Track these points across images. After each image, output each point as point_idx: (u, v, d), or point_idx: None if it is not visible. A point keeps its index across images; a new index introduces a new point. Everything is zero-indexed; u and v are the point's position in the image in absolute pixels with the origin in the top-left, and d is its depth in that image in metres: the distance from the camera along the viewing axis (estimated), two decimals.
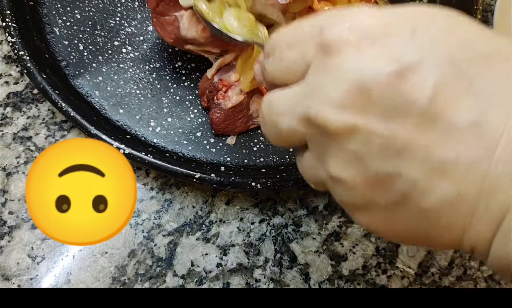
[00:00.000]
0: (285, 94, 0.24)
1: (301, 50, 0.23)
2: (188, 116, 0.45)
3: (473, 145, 0.19)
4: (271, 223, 0.43)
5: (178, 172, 0.40)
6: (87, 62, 0.46)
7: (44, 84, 0.42)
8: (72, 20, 0.47)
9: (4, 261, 0.41)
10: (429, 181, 0.20)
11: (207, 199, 0.44)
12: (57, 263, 0.41)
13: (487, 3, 0.54)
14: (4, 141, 0.45)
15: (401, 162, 0.20)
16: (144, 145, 0.42)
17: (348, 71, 0.21)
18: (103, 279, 0.41)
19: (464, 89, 0.19)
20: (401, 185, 0.20)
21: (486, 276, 0.43)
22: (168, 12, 0.42)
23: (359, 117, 0.20)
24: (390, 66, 0.20)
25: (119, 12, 0.48)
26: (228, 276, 0.42)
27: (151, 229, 0.42)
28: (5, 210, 0.42)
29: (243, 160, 0.43)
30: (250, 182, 0.40)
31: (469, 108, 0.19)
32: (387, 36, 0.20)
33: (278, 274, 0.42)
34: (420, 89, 0.19)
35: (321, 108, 0.21)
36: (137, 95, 0.45)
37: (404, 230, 0.22)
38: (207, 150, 0.44)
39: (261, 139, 0.45)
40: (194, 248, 0.42)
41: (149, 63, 0.47)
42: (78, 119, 0.41)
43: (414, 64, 0.19)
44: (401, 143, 0.20)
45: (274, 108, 0.24)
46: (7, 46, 0.49)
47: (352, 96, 0.20)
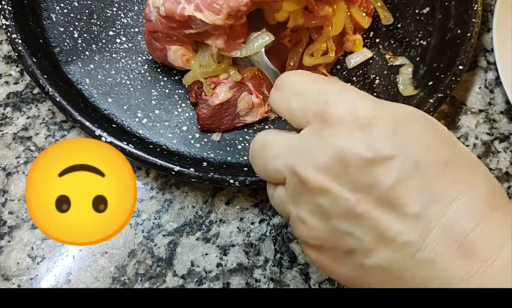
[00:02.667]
0: (279, 141, 0.29)
1: (305, 106, 0.28)
2: (175, 110, 0.45)
3: (411, 230, 0.24)
4: (271, 223, 0.43)
5: (158, 164, 0.40)
6: (80, 50, 0.46)
7: (33, 68, 0.42)
8: (69, 8, 0.48)
9: (4, 261, 0.41)
10: (373, 245, 0.25)
11: (207, 199, 0.44)
12: (57, 263, 0.41)
13: (487, 3, 0.54)
14: (4, 141, 0.45)
15: (355, 225, 0.25)
16: (129, 136, 0.42)
17: (336, 144, 0.25)
18: (103, 279, 0.41)
19: (418, 186, 0.24)
20: (351, 241, 0.26)
21: None
22: (159, 41, 0.43)
23: (334, 183, 0.25)
24: (368, 153, 0.25)
25: (117, 2, 0.49)
26: (228, 276, 0.42)
27: (151, 229, 0.42)
28: (5, 210, 0.42)
29: (227, 157, 0.43)
30: (229, 179, 0.40)
31: (416, 201, 0.24)
32: (373, 127, 0.25)
33: (278, 274, 0.42)
34: (385, 177, 0.24)
35: (307, 166, 0.26)
36: (127, 86, 0.45)
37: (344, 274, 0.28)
38: (191, 145, 0.44)
39: (246, 138, 0.45)
40: (194, 248, 0.42)
41: (142, 55, 0.47)
42: (63, 105, 0.41)
43: (386, 158, 0.25)
44: (359, 211, 0.25)
45: (267, 150, 0.29)
46: (7, 46, 0.49)
47: (333, 165, 0.25)
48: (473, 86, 0.50)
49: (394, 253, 0.25)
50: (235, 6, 0.38)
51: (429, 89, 0.45)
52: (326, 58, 0.47)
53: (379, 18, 0.49)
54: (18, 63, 0.48)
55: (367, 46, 0.49)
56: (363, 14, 0.48)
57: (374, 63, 0.48)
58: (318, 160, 0.26)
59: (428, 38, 0.48)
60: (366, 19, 0.48)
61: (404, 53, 0.48)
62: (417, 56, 0.48)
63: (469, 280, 0.23)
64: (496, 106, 0.50)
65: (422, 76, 0.47)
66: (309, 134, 0.27)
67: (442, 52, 0.47)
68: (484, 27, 0.53)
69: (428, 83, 0.45)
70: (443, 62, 0.46)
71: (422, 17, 0.49)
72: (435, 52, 0.47)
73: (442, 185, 0.24)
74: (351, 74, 0.48)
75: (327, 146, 0.26)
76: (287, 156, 0.28)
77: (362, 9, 0.48)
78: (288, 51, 0.46)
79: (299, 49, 0.46)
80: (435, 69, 0.46)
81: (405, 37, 0.49)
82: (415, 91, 0.46)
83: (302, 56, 0.46)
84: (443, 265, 0.24)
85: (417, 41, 0.48)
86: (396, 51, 0.48)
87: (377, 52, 0.48)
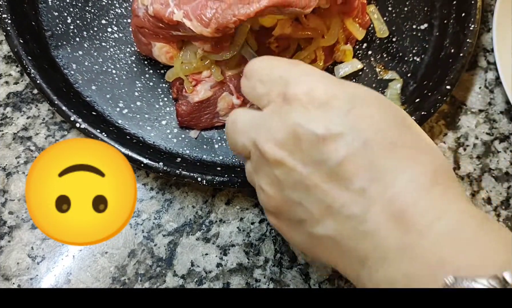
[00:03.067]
0: (246, 118, 0.31)
1: (269, 89, 0.30)
2: (157, 103, 0.45)
3: (355, 204, 0.26)
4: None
5: (129, 155, 0.40)
6: (71, 35, 0.47)
7: (19, 49, 0.42)
8: None
9: (4, 261, 0.41)
10: (320, 216, 0.27)
11: (207, 199, 0.44)
12: (57, 263, 0.41)
13: (487, 3, 0.54)
14: (4, 141, 0.45)
15: (305, 196, 0.27)
16: (107, 124, 0.43)
17: (293, 121, 0.27)
18: (103, 279, 0.41)
19: (365, 163, 0.26)
20: (302, 211, 0.28)
21: None
22: (145, 36, 0.43)
23: (288, 157, 0.28)
24: (321, 130, 0.27)
25: None
26: (228, 276, 0.42)
27: (151, 229, 0.42)
28: (5, 210, 0.42)
29: (202, 155, 0.44)
30: (196, 176, 0.40)
31: (362, 178, 0.26)
32: (329, 107, 0.27)
33: (278, 274, 0.42)
34: (334, 154, 0.26)
35: (266, 141, 0.29)
36: (112, 75, 0.46)
37: (299, 242, 0.30)
38: (168, 139, 0.44)
39: (224, 138, 0.45)
40: (194, 248, 0.42)
41: (131, 45, 0.47)
42: (43, 87, 0.41)
43: (337, 135, 0.26)
44: (310, 183, 0.27)
45: (236, 125, 0.32)
46: (7, 46, 0.49)
47: (289, 140, 0.28)
48: (473, 86, 0.50)
49: (339, 224, 0.27)
50: (223, 23, 0.38)
51: (415, 106, 0.44)
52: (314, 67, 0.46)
53: (375, 30, 0.49)
54: (17, 64, 0.48)
55: (358, 57, 0.48)
56: (357, 26, 0.47)
57: (364, 75, 0.48)
58: (276, 135, 0.28)
59: (423, 54, 0.48)
60: (360, 30, 0.47)
61: (395, 68, 0.48)
62: (409, 72, 0.47)
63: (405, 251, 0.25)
64: (496, 106, 0.50)
65: (411, 92, 0.46)
66: (270, 112, 0.29)
67: (434, 70, 0.46)
68: (484, 27, 0.53)
69: (415, 100, 0.45)
70: (432, 80, 0.45)
71: (419, 33, 0.49)
72: (427, 69, 0.47)
73: (388, 163, 0.26)
74: None
75: (285, 123, 0.28)
76: (251, 131, 0.30)
77: (357, 20, 0.47)
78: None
79: (286, 56, 0.45)
80: (424, 87, 0.45)
81: (399, 51, 0.48)
82: (402, 107, 0.45)
83: None
84: (383, 237, 0.25)
85: (410, 57, 0.48)
86: (388, 65, 0.48)
87: (368, 64, 0.48)
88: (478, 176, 0.47)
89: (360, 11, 0.48)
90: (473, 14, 0.46)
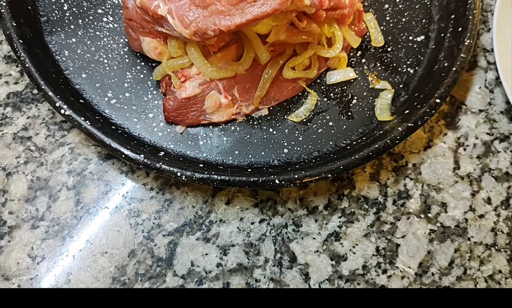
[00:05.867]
0: None
1: None
2: (145, 96, 0.46)
3: None
4: (271, 223, 0.43)
5: (112, 145, 0.40)
6: (66, 22, 0.47)
7: (11, 31, 0.43)
8: None
9: (4, 261, 0.41)
10: None
11: (207, 199, 0.44)
12: (57, 263, 0.41)
13: (487, 3, 0.54)
14: (4, 141, 0.45)
15: None
16: (93, 113, 0.43)
17: None
18: (103, 279, 0.41)
19: None
20: None
21: (486, 276, 0.43)
22: (134, 31, 0.44)
23: None
24: None
25: None
26: (228, 276, 0.42)
27: (151, 229, 0.42)
28: (5, 210, 0.42)
29: (186, 151, 0.44)
30: (176, 171, 0.40)
31: None
32: None
33: (278, 274, 0.42)
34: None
35: None
36: (103, 64, 0.46)
37: None
38: (154, 133, 0.44)
39: (210, 135, 0.45)
40: (194, 248, 0.42)
41: (125, 37, 0.47)
42: (31, 71, 0.42)
43: None
44: None
45: None
46: (7, 46, 0.49)
47: None
48: (473, 86, 0.50)
49: None
50: (202, 28, 0.38)
51: (403, 118, 0.44)
52: (308, 73, 0.46)
53: (370, 38, 0.49)
54: (18, 64, 0.48)
55: (352, 64, 0.49)
56: (353, 34, 0.47)
57: (355, 83, 0.48)
58: None
59: (417, 66, 0.48)
60: (356, 38, 0.47)
61: (388, 78, 0.48)
62: (401, 83, 0.47)
63: None
64: (496, 106, 0.50)
65: (401, 103, 0.46)
66: None
67: (426, 83, 0.46)
68: (484, 27, 0.53)
69: (404, 111, 0.45)
70: (423, 93, 0.45)
71: (415, 44, 0.49)
72: (420, 81, 0.47)
73: None
74: (329, 89, 0.47)
75: None
76: None
77: (353, 28, 0.47)
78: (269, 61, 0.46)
79: (279, 61, 0.45)
80: (415, 99, 0.45)
81: (393, 62, 0.48)
82: (391, 118, 0.45)
83: (283, 68, 0.45)
84: None
85: (404, 68, 0.48)
86: (381, 75, 0.48)
87: (361, 73, 0.48)
88: (478, 176, 0.47)
89: (356, 19, 0.48)
90: (470, 29, 0.46)
